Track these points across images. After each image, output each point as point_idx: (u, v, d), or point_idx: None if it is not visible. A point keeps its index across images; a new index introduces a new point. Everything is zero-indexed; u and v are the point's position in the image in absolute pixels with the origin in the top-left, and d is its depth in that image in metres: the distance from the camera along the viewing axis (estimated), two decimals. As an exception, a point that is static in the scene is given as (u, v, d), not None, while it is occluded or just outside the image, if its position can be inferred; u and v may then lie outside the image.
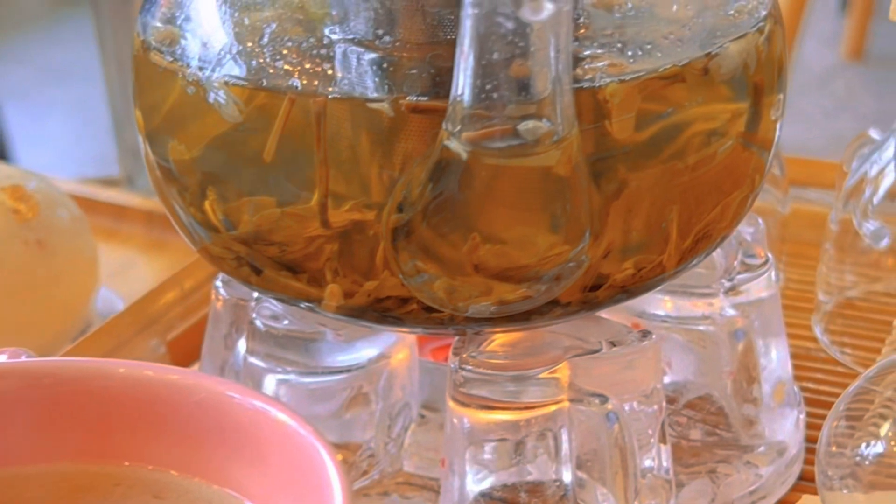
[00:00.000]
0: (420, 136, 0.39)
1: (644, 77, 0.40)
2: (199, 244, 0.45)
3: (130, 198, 0.76)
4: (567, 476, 0.44)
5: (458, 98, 0.37)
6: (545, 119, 0.37)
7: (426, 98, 0.39)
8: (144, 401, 0.37)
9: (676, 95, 0.41)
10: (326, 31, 0.42)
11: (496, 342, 0.45)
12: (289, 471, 0.35)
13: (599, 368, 0.44)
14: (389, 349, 0.48)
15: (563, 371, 0.43)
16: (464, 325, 0.43)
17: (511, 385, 0.43)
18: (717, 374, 0.49)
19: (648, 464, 0.44)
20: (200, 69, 0.42)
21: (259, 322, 0.47)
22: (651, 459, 0.44)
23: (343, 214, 0.41)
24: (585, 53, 0.41)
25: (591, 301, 0.43)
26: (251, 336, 0.48)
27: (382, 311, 0.42)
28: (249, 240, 0.42)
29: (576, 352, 0.44)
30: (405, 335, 0.49)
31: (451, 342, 0.45)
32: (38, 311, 0.60)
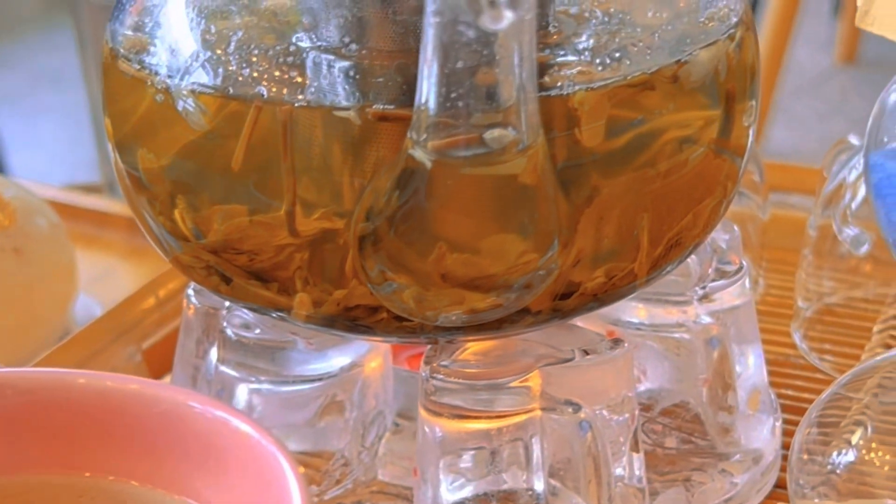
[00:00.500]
0: (388, 145, 0.39)
1: (613, 85, 0.40)
2: (170, 254, 0.45)
3: (112, 204, 0.75)
4: (539, 485, 0.44)
5: (423, 106, 0.37)
6: (511, 127, 0.37)
7: (393, 106, 0.39)
8: (106, 411, 0.37)
9: (647, 103, 0.41)
10: (294, 39, 0.42)
11: (469, 351, 0.45)
12: (250, 481, 0.35)
13: (571, 377, 0.44)
14: (362, 358, 0.48)
15: (535, 380, 0.43)
16: (435, 334, 0.43)
17: (482, 394, 0.43)
18: (693, 382, 0.49)
19: (619, 472, 0.44)
20: (169, 77, 0.42)
21: (230, 331, 0.47)
22: (622, 468, 0.44)
23: (312, 223, 0.40)
24: (555, 61, 0.41)
25: (563, 309, 0.43)
26: (222, 345, 0.47)
27: (352, 320, 0.42)
28: (219, 248, 0.42)
29: (548, 360, 0.44)
30: (378, 344, 0.48)
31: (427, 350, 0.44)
32: (16, 319, 0.60)
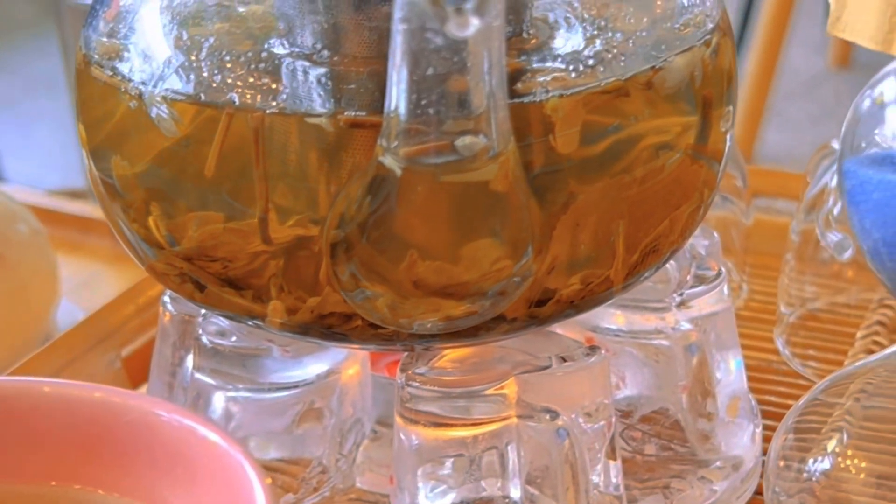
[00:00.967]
0: (361, 151, 0.39)
1: (587, 91, 0.40)
2: (145, 261, 0.45)
3: (96, 210, 0.75)
4: (515, 493, 0.44)
5: (393, 113, 0.36)
6: (482, 134, 0.37)
7: (365, 113, 0.39)
8: (72, 420, 0.37)
9: (622, 109, 0.41)
10: (267, 46, 0.41)
11: (446, 358, 0.45)
12: (217, 490, 0.35)
13: (548, 384, 0.43)
14: (339, 365, 0.48)
15: (511, 387, 0.43)
16: (410, 342, 0.43)
17: (459, 402, 0.43)
18: (672, 389, 0.49)
19: (595, 480, 0.44)
20: (142, 84, 0.41)
21: (205, 338, 0.47)
22: (597, 475, 0.44)
23: (285, 230, 0.40)
24: (530, 67, 0.41)
25: (539, 316, 0.43)
26: (198, 352, 0.47)
27: (327, 328, 0.42)
28: (193, 256, 0.42)
29: (525, 368, 0.44)
30: (356, 351, 0.48)
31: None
32: (-3, 326, 0.60)
